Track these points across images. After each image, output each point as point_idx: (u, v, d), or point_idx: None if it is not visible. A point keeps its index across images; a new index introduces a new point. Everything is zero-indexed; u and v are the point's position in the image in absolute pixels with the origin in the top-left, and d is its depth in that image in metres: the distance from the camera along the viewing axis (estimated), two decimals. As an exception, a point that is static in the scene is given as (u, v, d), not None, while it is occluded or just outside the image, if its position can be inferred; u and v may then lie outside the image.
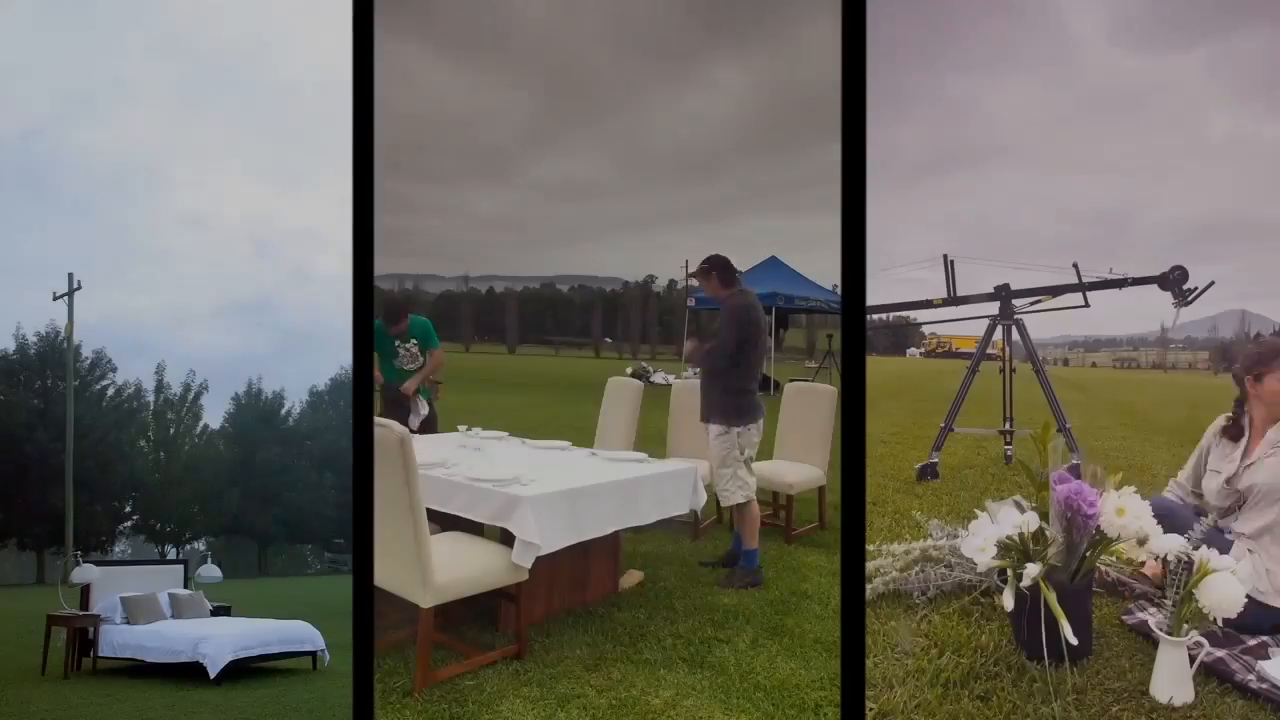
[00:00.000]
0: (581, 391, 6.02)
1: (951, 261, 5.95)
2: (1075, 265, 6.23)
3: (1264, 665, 2.74)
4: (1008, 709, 2.63)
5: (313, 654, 6.79)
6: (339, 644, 7.01)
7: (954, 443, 6.87)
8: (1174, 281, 5.65)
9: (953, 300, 5.92)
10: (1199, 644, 2.66)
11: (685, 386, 5.89)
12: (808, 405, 5.67)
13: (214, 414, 28.70)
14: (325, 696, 5.71)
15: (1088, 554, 2.85)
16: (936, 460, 5.80)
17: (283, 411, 29.61)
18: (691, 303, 22.21)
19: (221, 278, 41.56)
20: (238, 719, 5.17)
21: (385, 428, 3.21)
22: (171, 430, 27.29)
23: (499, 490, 3.63)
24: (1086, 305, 6.16)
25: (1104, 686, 2.75)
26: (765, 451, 5.88)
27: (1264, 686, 2.66)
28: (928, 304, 5.99)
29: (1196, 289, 5.65)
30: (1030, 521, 2.88)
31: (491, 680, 3.33)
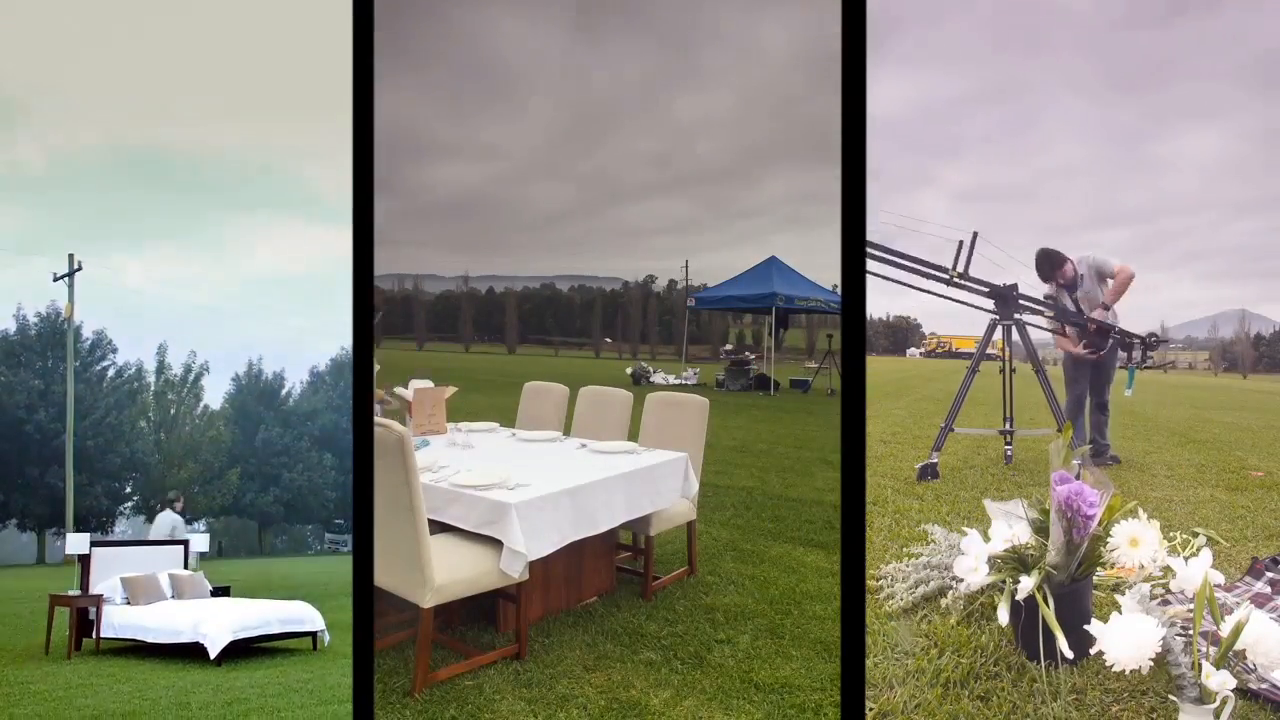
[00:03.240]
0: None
1: (976, 236, 5.75)
2: (1075, 299, 6.28)
3: (1264, 665, 2.74)
4: (1008, 709, 2.63)
5: (312, 634, 6.82)
6: (338, 624, 7.02)
7: (954, 443, 6.87)
8: (1145, 344, 5.85)
9: (963, 277, 5.73)
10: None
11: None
12: (673, 420, 4.82)
13: (214, 395, 28.76)
14: (324, 676, 5.72)
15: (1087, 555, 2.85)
16: (936, 460, 5.79)
17: (283, 392, 29.61)
18: (691, 303, 22.23)
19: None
20: (238, 698, 5.18)
21: (385, 428, 3.20)
22: (172, 411, 27.25)
23: (485, 497, 3.51)
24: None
25: (1104, 687, 2.74)
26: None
27: (1264, 687, 2.65)
28: (942, 271, 5.77)
29: (1152, 359, 5.86)
30: (1021, 534, 2.88)
31: (491, 680, 3.32)
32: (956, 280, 5.68)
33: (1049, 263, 6.26)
